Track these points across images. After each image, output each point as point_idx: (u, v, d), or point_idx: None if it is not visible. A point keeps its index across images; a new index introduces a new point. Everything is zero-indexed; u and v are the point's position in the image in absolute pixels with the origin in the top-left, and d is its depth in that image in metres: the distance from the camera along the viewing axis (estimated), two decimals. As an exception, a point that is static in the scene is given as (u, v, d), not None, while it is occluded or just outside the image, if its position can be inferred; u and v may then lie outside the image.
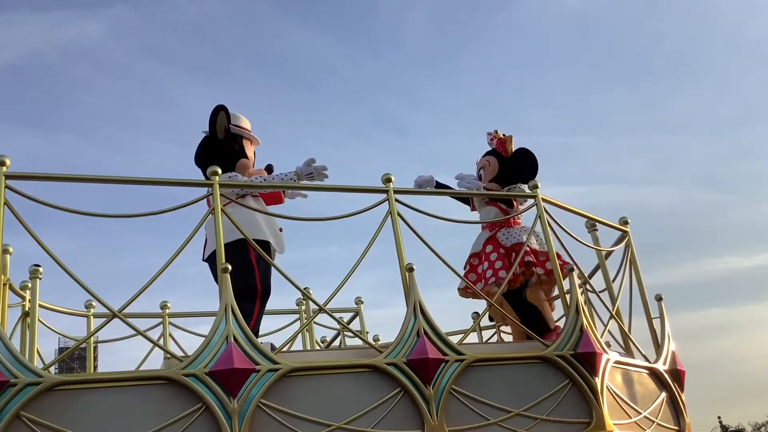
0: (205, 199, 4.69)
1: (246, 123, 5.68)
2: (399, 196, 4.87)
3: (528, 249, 5.64)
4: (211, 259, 4.99)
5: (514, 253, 5.72)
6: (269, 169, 5.70)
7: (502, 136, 6.24)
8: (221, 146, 5.41)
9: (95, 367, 7.22)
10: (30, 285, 5.33)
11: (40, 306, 5.41)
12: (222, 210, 4.46)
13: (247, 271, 4.96)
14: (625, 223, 6.29)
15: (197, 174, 5.36)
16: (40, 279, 5.22)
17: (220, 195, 4.48)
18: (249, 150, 5.60)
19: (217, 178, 4.53)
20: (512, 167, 6.10)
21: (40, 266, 5.15)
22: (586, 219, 6.12)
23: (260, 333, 5.62)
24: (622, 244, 6.19)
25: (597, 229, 6.17)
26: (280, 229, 5.26)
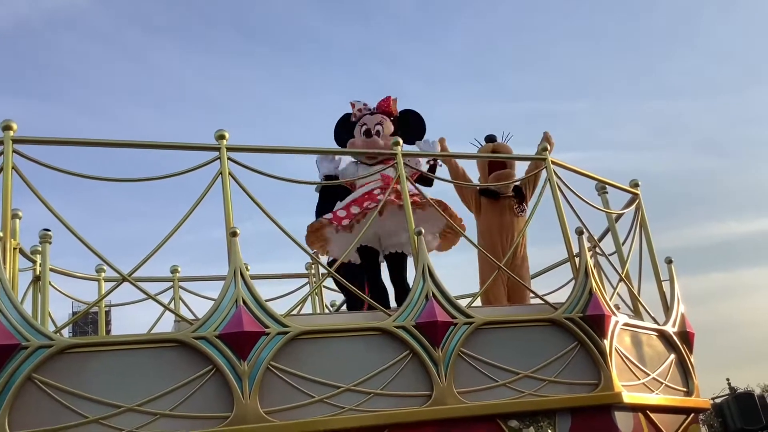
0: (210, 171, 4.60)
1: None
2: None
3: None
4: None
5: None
6: None
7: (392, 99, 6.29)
8: None
9: (108, 331, 7.30)
10: (41, 249, 5.37)
11: (51, 270, 5.46)
12: (230, 174, 4.44)
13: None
14: (636, 185, 6.23)
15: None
16: (50, 243, 5.25)
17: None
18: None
19: (224, 141, 4.51)
20: (403, 127, 6.16)
21: (50, 230, 5.18)
22: (596, 182, 6.07)
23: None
24: (633, 207, 6.15)
25: (607, 192, 6.11)
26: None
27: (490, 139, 6.24)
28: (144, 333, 4.69)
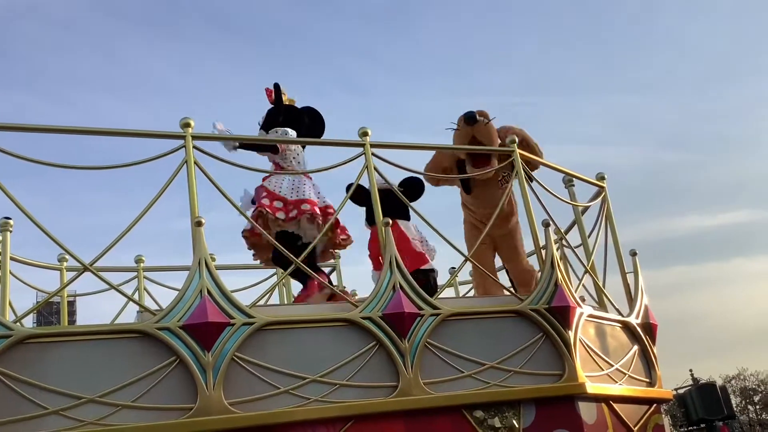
0: (175, 154, 4.48)
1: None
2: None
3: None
4: None
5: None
6: None
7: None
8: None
9: (72, 322, 7.17)
10: (0, 238, 5.25)
11: (12, 259, 5.34)
12: (195, 162, 4.38)
13: None
14: (602, 178, 6.30)
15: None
16: (10, 232, 5.13)
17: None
18: None
19: (189, 129, 4.45)
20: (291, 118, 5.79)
21: (10, 218, 5.07)
22: (563, 175, 6.11)
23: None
24: (599, 200, 6.21)
25: (574, 185, 6.16)
26: None
27: (470, 118, 5.73)
28: (106, 323, 4.62)
